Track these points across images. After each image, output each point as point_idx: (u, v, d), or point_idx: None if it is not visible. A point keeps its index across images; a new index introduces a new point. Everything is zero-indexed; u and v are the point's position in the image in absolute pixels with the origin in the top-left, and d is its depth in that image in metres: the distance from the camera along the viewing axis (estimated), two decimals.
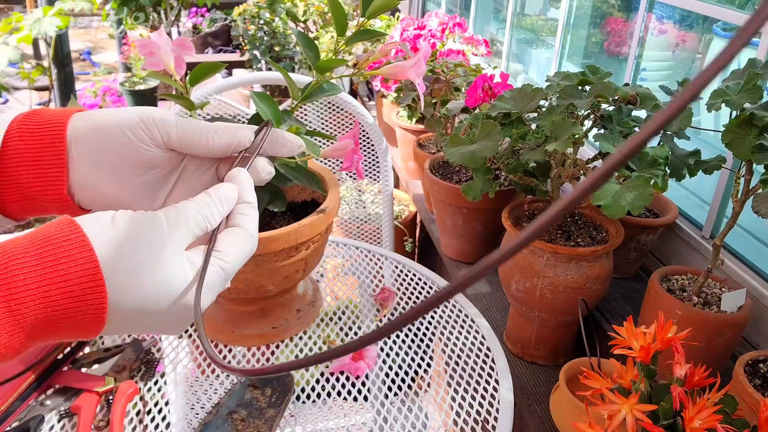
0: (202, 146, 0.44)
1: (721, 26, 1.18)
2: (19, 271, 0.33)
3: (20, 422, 0.63)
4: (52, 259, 0.33)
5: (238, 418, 0.67)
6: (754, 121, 0.70)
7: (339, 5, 0.65)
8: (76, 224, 0.35)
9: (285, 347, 0.79)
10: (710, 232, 1.07)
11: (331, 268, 1.02)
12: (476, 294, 1.26)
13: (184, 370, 0.79)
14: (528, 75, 2.01)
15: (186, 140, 0.44)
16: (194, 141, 0.44)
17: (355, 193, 1.88)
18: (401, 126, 1.81)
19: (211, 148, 0.44)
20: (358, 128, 0.69)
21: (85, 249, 0.34)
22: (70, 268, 0.34)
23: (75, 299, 0.34)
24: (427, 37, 1.71)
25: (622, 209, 0.75)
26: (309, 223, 0.68)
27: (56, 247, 0.34)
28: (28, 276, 0.33)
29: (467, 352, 0.81)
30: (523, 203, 1.04)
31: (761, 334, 0.94)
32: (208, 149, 0.44)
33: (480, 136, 0.92)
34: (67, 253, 0.34)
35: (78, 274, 0.34)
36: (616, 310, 1.09)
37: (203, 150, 0.44)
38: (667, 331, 0.57)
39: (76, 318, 0.34)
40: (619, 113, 0.88)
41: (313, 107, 1.54)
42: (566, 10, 1.63)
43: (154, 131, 0.43)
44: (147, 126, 0.43)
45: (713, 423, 0.50)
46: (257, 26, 2.83)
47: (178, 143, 0.44)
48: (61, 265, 0.33)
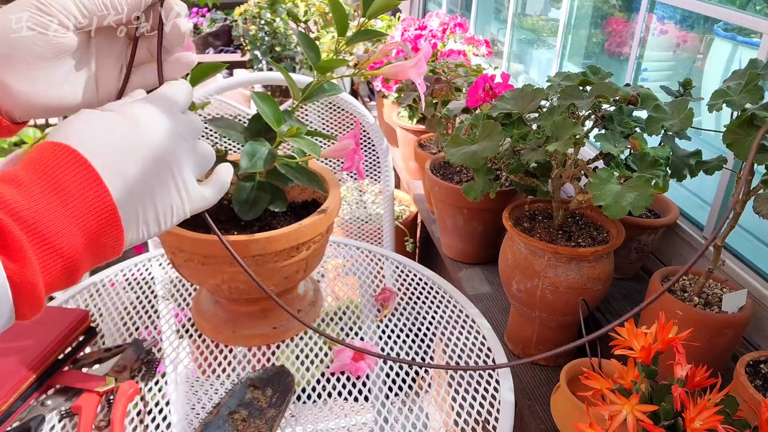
0: (110, 13, 0.45)
1: (722, 26, 1.18)
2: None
3: (21, 422, 0.64)
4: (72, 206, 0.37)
5: (239, 418, 0.67)
6: (755, 122, 0.70)
7: (340, 5, 0.65)
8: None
9: (286, 347, 0.79)
10: (711, 233, 1.07)
11: (332, 268, 1.02)
12: (477, 294, 1.26)
13: (184, 370, 0.79)
14: (529, 75, 2.01)
15: (90, 12, 0.44)
16: (97, 8, 0.44)
17: (355, 194, 1.88)
18: (402, 126, 1.81)
19: (119, 10, 0.45)
20: (359, 128, 0.69)
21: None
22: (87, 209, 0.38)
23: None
24: (428, 37, 1.71)
25: (623, 210, 0.75)
26: (310, 224, 0.68)
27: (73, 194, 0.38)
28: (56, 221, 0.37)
29: (468, 352, 0.81)
30: (524, 204, 1.04)
31: (762, 334, 0.94)
32: (117, 11, 0.45)
33: (481, 136, 0.92)
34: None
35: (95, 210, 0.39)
36: (617, 311, 1.09)
37: (113, 15, 0.45)
38: (668, 332, 0.57)
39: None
40: (620, 113, 0.88)
41: (313, 107, 1.54)
42: (567, 11, 1.63)
43: (60, 16, 0.43)
44: (50, 13, 0.43)
45: (714, 424, 0.50)
46: (258, 26, 2.83)
47: (85, 21, 0.44)
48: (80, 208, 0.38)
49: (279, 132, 0.67)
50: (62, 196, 0.37)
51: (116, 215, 0.39)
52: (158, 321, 0.93)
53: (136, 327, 0.84)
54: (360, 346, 0.77)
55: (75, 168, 0.38)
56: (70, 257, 0.37)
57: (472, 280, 1.30)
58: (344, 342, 0.23)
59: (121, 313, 0.87)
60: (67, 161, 0.38)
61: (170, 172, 0.43)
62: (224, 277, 0.68)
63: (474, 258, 1.35)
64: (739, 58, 1.15)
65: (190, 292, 0.94)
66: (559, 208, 0.97)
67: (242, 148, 0.64)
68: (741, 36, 1.14)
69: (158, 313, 0.95)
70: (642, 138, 0.83)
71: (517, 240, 0.95)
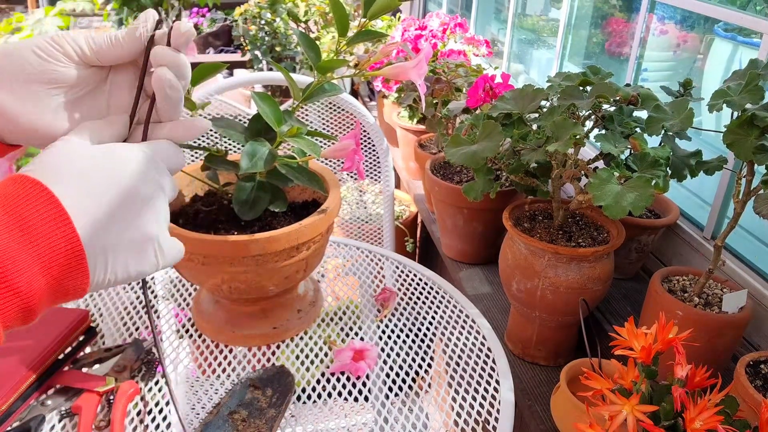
0: (114, 47, 0.44)
1: (722, 27, 1.18)
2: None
3: (21, 422, 0.64)
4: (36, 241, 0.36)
5: (239, 418, 0.67)
6: (755, 122, 0.70)
7: (340, 5, 0.65)
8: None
9: (286, 347, 0.79)
10: (711, 233, 1.07)
11: (332, 268, 1.02)
12: (477, 294, 1.26)
13: (184, 370, 0.79)
14: (529, 75, 2.01)
15: (99, 48, 0.44)
16: (105, 44, 0.44)
17: (356, 194, 1.88)
18: (402, 126, 1.81)
19: (122, 43, 0.45)
20: (359, 128, 0.69)
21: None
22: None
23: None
24: (428, 37, 1.71)
25: (623, 210, 0.75)
26: (310, 224, 0.68)
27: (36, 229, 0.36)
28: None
29: (468, 352, 0.81)
30: (524, 204, 1.04)
31: (762, 335, 0.94)
32: (119, 45, 0.45)
33: (481, 136, 0.92)
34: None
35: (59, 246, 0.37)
36: (617, 311, 1.09)
37: (117, 50, 0.45)
38: (668, 332, 0.57)
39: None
40: (620, 114, 0.88)
41: (314, 107, 1.54)
42: (567, 11, 1.63)
43: (66, 46, 0.43)
44: (58, 43, 0.43)
45: (714, 424, 0.50)
46: (258, 26, 2.83)
47: (91, 54, 0.44)
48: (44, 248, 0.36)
49: (279, 132, 0.67)
50: (27, 233, 0.35)
51: (83, 259, 0.38)
52: (158, 321, 0.93)
53: (136, 327, 0.84)
54: (359, 346, 0.77)
55: (44, 205, 0.36)
56: (28, 298, 0.35)
57: (472, 280, 1.30)
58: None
59: (121, 313, 0.87)
60: (36, 197, 0.36)
61: (147, 226, 0.42)
62: (224, 277, 0.68)
63: (474, 258, 1.35)
64: (740, 59, 1.15)
65: (190, 292, 0.94)
66: (560, 209, 0.97)
67: (242, 148, 0.64)
68: (741, 36, 1.14)
69: (158, 313, 0.96)
70: (642, 138, 0.83)
71: (518, 240, 0.95)
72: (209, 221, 0.72)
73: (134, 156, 0.43)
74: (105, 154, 0.42)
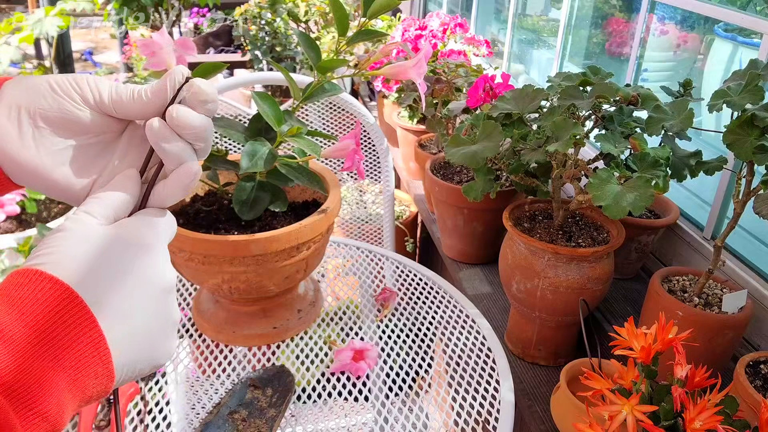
0: (135, 102, 0.41)
1: (723, 27, 1.18)
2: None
3: None
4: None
5: (239, 418, 0.67)
6: (755, 122, 0.70)
7: (340, 5, 0.65)
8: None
9: (286, 347, 0.79)
10: (711, 233, 1.07)
11: (332, 268, 1.02)
12: (477, 294, 1.26)
13: (184, 369, 0.79)
14: (529, 75, 2.01)
15: (119, 100, 0.41)
16: (127, 97, 0.41)
17: (356, 194, 1.88)
18: (402, 126, 1.81)
19: (145, 101, 0.41)
20: (359, 128, 0.69)
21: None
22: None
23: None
24: (428, 37, 1.71)
25: (623, 210, 0.75)
26: (310, 224, 0.68)
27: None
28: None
29: (468, 352, 0.81)
30: (524, 204, 1.04)
31: (762, 335, 0.94)
32: (141, 101, 0.42)
33: (481, 136, 0.92)
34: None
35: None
36: (617, 311, 1.09)
37: (138, 106, 0.42)
38: (668, 332, 0.57)
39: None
40: (621, 114, 0.88)
41: (314, 107, 1.54)
42: (567, 11, 1.63)
43: (85, 88, 0.41)
44: (78, 83, 0.41)
45: (714, 424, 0.50)
46: (258, 26, 2.83)
47: (110, 104, 0.41)
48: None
49: (279, 132, 0.67)
50: (55, 352, 0.33)
51: (112, 380, 0.36)
52: None
53: None
54: (359, 346, 0.77)
55: (88, 346, 0.34)
56: (56, 420, 0.33)
57: (472, 280, 1.30)
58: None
59: None
60: (80, 330, 0.34)
61: (168, 321, 0.40)
62: (224, 277, 0.68)
63: (474, 258, 1.35)
64: (740, 59, 1.15)
65: (191, 292, 0.94)
66: (560, 209, 0.97)
67: (243, 148, 0.64)
68: (741, 36, 1.14)
69: None
70: (642, 138, 0.83)
71: (518, 240, 0.95)
72: (209, 221, 0.72)
73: (155, 252, 0.40)
74: (127, 249, 0.39)
